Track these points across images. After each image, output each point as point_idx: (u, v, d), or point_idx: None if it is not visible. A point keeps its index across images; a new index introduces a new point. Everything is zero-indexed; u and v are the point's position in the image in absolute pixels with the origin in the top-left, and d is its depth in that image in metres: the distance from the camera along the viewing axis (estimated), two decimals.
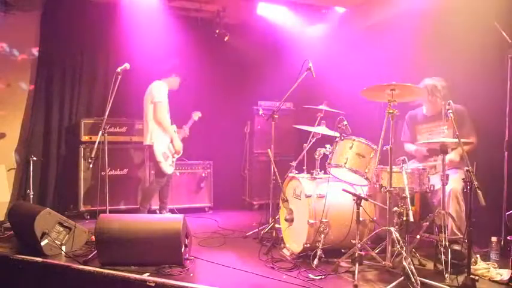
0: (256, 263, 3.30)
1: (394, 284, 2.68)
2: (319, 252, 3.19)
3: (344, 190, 3.13)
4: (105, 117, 3.47)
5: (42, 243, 3.21)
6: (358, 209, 2.98)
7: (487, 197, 2.59)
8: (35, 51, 5.14)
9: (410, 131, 3.90)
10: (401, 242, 2.85)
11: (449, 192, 3.24)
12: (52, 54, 5.15)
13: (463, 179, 2.71)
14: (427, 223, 3.15)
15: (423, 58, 4.23)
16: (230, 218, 5.08)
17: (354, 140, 3.31)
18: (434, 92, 3.61)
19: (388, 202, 2.99)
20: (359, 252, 2.94)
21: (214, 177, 5.53)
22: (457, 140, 2.85)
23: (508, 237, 3.04)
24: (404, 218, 2.85)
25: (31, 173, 4.50)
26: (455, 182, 3.24)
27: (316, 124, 3.94)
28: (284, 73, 4.95)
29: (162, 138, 4.47)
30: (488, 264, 3.05)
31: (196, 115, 5.10)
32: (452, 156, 3.47)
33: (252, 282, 2.90)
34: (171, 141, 4.52)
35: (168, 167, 4.51)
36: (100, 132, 3.44)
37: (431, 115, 3.71)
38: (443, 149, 3.08)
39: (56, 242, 3.28)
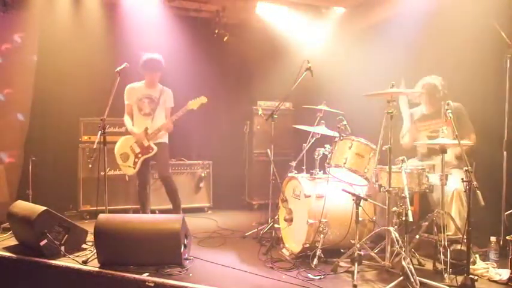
0: (256, 263, 3.30)
1: (393, 284, 2.68)
2: (318, 252, 3.19)
3: (343, 190, 3.13)
4: (105, 117, 3.46)
5: (42, 243, 3.20)
6: (357, 209, 2.98)
7: (486, 197, 2.59)
8: (34, 50, 5.13)
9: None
10: (400, 242, 2.86)
11: (453, 192, 3.24)
12: (51, 53, 5.15)
13: (462, 178, 2.71)
14: (427, 223, 3.16)
15: (422, 58, 4.23)
16: (229, 218, 5.08)
17: (353, 140, 3.32)
18: (434, 92, 3.61)
19: (387, 202, 2.99)
20: (358, 252, 2.94)
21: (213, 177, 5.53)
22: (456, 141, 2.85)
23: (507, 237, 3.04)
24: (404, 218, 2.85)
25: (30, 173, 4.50)
26: (459, 182, 3.22)
27: (315, 124, 3.94)
28: (283, 73, 4.95)
29: (124, 139, 4.38)
30: (487, 264, 3.05)
31: (194, 104, 4.29)
32: (448, 158, 3.46)
33: (251, 282, 2.90)
34: (136, 141, 4.32)
35: (127, 169, 4.32)
36: (99, 132, 3.43)
37: (430, 113, 3.72)
38: (442, 150, 3.08)
39: (55, 242, 3.28)
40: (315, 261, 3.15)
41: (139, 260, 3.06)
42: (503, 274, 2.87)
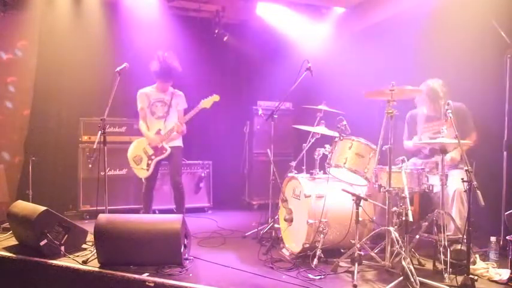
0: (256, 263, 3.30)
1: (393, 284, 2.68)
2: (318, 252, 3.19)
3: (343, 190, 3.13)
4: (105, 117, 3.46)
5: (41, 243, 3.20)
6: (357, 209, 2.98)
7: (486, 197, 2.59)
8: (34, 50, 5.13)
9: (410, 130, 3.90)
10: (400, 242, 2.85)
11: (453, 192, 3.24)
12: (50, 53, 5.15)
13: (462, 178, 2.71)
14: (427, 223, 3.16)
15: (422, 58, 4.24)
16: (229, 218, 5.08)
17: (353, 140, 3.32)
18: (434, 96, 3.61)
19: (387, 202, 2.99)
20: (358, 252, 2.94)
21: (213, 177, 5.54)
22: (456, 140, 2.85)
23: (507, 237, 3.04)
24: (404, 218, 2.84)
25: (30, 173, 4.50)
26: (460, 182, 3.21)
27: (315, 124, 3.94)
28: (283, 73, 4.95)
29: (137, 142, 4.38)
30: (487, 264, 3.05)
31: (206, 103, 4.32)
32: (454, 154, 3.48)
33: (251, 282, 2.90)
34: (149, 144, 4.32)
35: (140, 171, 4.31)
36: (99, 132, 3.43)
37: (432, 115, 3.72)
38: (442, 150, 3.08)
39: (55, 242, 3.28)
40: (315, 261, 3.14)
41: (139, 260, 3.06)
42: (503, 274, 2.87)
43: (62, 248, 3.31)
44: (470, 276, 2.66)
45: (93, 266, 3.07)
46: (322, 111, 3.96)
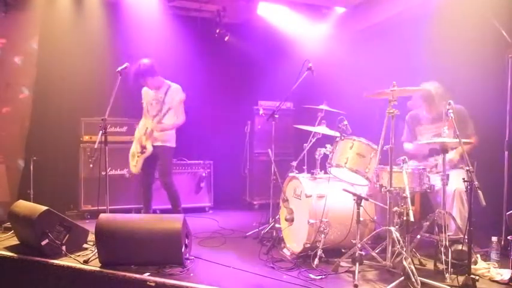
0: (257, 262, 3.30)
1: (394, 283, 2.68)
2: (319, 252, 3.19)
3: (344, 190, 3.13)
4: (106, 116, 3.46)
5: (43, 243, 3.21)
6: (358, 208, 2.98)
7: (487, 197, 2.59)
8: (35, 50, 5.14)
9: (411, 132, 3.89)
10: (401, 241, 2.85)
11: (453, 192, 3.23)
12: (51, 53, 5.16)
13: (463, 178, 2.71)
14: (428, 223, 3.15)
15: (423, 58, 4.23)
16: (230, 218, 5.08)
17: (354, 139, 3.32)
18: (430, 99, 3.59)
19: (388, 202, 2.99)
20: (359, 252, 2.93)
21: (214, 177, 5.54)
22: (457, 140, 2.85)
23: (508, 237, 3.03)
24: (405, 218, 2.84)
25: (31, 173, 4.50)
26: (460, 181, 3.20)
27: (316, 124, 3.94)
28: (284, 73, 4.95)
29: (135, 139, 4.43)
30: (488, 264, 3.05)
31: None
32: (452, 155, 3.45)
33: (252, 282, 2.90)
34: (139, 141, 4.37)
35: (133, 168, 4.39)
36: (100, 132, 3.43)
37: (432, 117, 3.71)
38: (443, 149, 3.07)
39: (57, 241, 3.28)
40: (316, 261, 3.15)
41: (140, 260, 3.06)
42: (505, 274, 2.87)
43: (63, 247, 3.32)
44: (472, 276, 2.66)
45: (94, 265, 3.08)
46: (323, 111, 3.96)
